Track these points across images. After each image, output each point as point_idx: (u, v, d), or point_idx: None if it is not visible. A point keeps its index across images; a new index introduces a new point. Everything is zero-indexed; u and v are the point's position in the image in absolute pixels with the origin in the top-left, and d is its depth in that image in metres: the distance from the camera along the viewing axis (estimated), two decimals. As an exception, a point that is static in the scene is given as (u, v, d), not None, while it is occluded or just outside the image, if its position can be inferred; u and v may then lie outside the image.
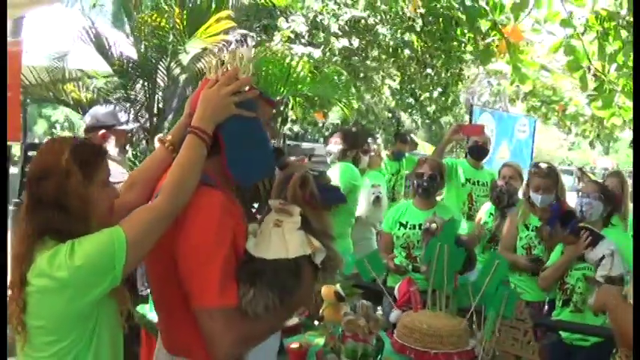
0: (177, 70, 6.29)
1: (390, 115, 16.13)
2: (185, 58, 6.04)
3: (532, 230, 5.08)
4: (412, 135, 17.35)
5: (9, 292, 2.15)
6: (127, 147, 4.93)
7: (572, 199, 5.43)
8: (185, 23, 6.14)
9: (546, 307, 4.86)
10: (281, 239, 2.23)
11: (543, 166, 5.19)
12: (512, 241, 5.18)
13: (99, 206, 2.19)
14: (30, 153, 7.89)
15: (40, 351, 2.13)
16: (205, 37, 5.93)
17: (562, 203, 4.74)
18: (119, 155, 4.53)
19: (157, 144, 3.09)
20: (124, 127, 4.62)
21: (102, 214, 2.20)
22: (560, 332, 4.46)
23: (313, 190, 2.32)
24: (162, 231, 2.12)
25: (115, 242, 2.05)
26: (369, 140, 8.93)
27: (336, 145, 6.37)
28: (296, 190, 2.31)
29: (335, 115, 13.02)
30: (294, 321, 3.67)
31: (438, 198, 5.85)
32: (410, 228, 5.04)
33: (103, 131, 4.50)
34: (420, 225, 4.92)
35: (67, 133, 30.40)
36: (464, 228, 5.14)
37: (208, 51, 5.99)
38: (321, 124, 14.83)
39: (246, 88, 2.30)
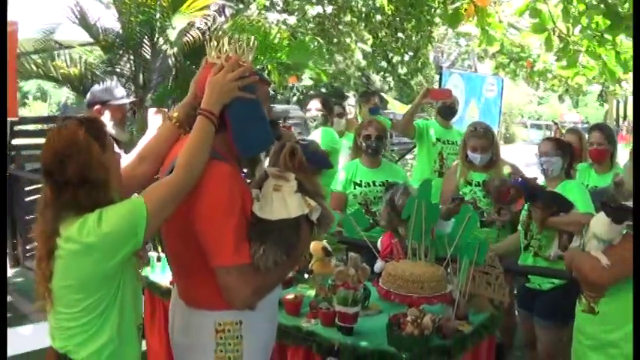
0: (165, 45, 6.50)
1: (359, 74, 16.37)
2: (172, 33, 6.26)
3: (475, 185, 5.34)
4: (382, 94, 17.64)
5: (35, 267, 2.45)
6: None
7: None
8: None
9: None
10: (281, 202, 2.58)
11: (480, 126, 5.46)
12: (450, 195, 5.33)
13: (115, 170, 2.50)
14: (16, 127, 8.11)
15: (71, 307, 2.41)
16: (190, 12, 6.15)
17: (527, 179, 4.83)
18: (114, 129, 4.79)
19: (150, 114, 3.43)
20: (118, 102, 4.85)
21: (118, 177, 2.51)
22: (525, 284, 4.79)
23: (302, 158, 2.68)
24: (179, 202, 2.44)
25: (137, 212, 2.34)
26: (345, 103, 9.22)
27: (317, 111, 6.72)
28: (286, 160, 2.67)
29: (305, 77, 13.30)
30: (288, 275, 4.03)
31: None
32: (365, 186, 5.39)
33: (97, 107, 4.78)
34: (373, 182, 5.37)
35: (39, 103, 30.28)
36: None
37: (193, 25, 6.22)
38: (291, 87, 15.09)
39: (247, 73, 2.61)
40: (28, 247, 8.14)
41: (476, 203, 5.31)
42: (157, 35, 6.38)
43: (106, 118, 4.75)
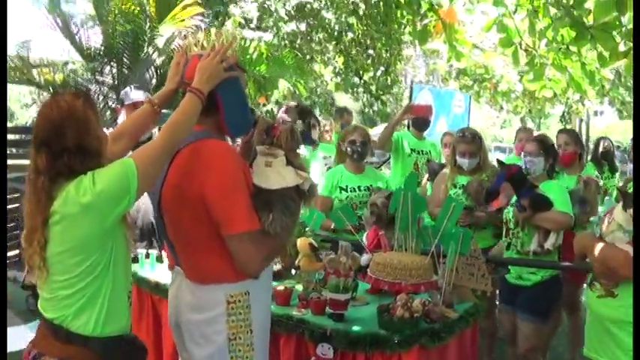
0: (153, 55, 6.63)
1: (326, 94, 16.65)
2: (160, 42, 6.41)
3: (459, 188, 5.54)
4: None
5: (24, 242, 2.53)
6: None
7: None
8: (154, 10, 6.49)
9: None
10: (277, 174, 2.86)
11: (468, 132, 5.66)
12: (439, 200, 5.44)
13: (106, 141, 2.65)
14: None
15: (67, 273, 2.49)
16: (174, 22, 6.31)
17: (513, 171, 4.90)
18: None
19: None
20: (130, 101, 5.17)
21: (106, 148, 2.64)
22: (505, 275, 4.93)
23: (299, 137, 3.03)
24: (164, 161, 2.66)
25: (128, 169, 2.47)
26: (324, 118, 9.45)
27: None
28: (288, 137, 2.95)
29: (273, 98, 13.53)
30: (278, 267, 4.16)
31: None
32: (351, 191, 5.52)
33: (118, 107, 5.12)
34: (359, 187, 5.51)
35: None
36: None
37: (177, 35, 6.38)
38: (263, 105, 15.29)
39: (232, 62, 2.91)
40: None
41: None
42: (145, 44, 6.49)
43: (122, 116, 5.17)
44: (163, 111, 3.03)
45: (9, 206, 7.77)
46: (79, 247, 2.48)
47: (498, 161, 5.23)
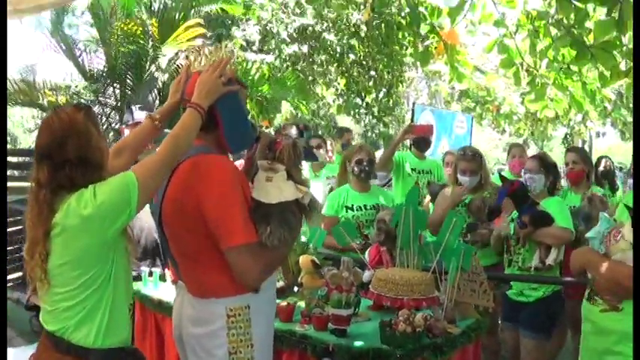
0: (157, 73, 6.68)
1: (327, 117, 16.75)
2: (163, 62, 6.47)
3: (461, 206, 5.53)
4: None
5: (26, 255, 2.54)
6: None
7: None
8: (157, 31, 6.55)
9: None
10: (277, 188, 2.87)
11: (468, 150, 5.68)
12: (439, 218, 5.47)
13: (107, 154, 2.68)
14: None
15: (68, 285, 2.51)
16: (177, 43, 6.37)
17: (514, 187, 4.92)
18: None
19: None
20: (133, 121, 5.23)
21: (108, 160, 2.67)
22: (507, 292, 4.96)
23: (301, 150, 3.04)
24: (164, 174, 2.67)
25: (128, 182, 2.49)
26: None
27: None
28: (290, 152, 2.96)
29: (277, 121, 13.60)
30: (280, 284, 4.15)
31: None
32: (357, 210, 5.53)
33: (122, 127, 5.19)
34: (365, 206, 5.52)
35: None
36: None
37: (180, 55, 6.44)
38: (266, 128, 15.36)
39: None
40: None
41: None
42: (147, 64, 6.54)
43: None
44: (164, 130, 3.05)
45: (11, 228, 7.79)
46: (80, 260, 2.49)
47: (501, 176, 5.24)
